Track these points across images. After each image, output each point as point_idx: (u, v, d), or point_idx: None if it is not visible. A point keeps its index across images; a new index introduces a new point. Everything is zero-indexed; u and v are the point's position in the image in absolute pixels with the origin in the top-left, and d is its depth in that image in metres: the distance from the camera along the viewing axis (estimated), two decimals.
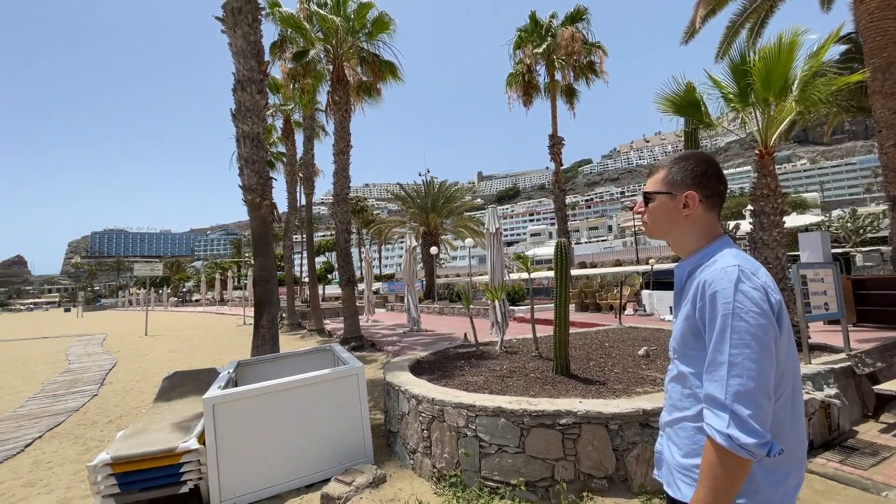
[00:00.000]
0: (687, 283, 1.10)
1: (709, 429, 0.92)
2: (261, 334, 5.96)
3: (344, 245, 11.40)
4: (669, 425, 1.11)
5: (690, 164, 1.11)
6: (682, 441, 1.06)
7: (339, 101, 11.38)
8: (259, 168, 6.12)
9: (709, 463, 0.91)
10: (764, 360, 0.90)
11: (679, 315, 1.10)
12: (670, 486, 1.09)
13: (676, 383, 1.10)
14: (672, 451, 1.09)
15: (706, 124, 5.57)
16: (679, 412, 1.08)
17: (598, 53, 15.40)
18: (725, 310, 0.94)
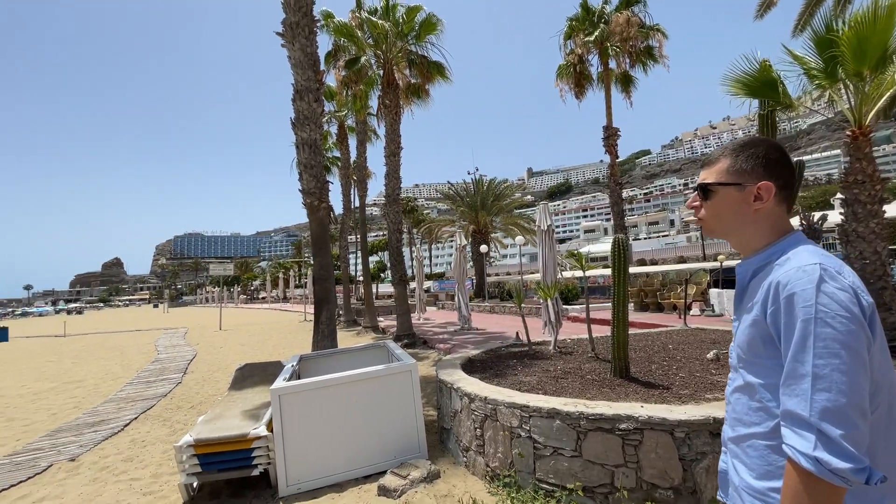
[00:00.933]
0: (751, 284, 0.99)
1: (790, 451, 0.80)
2: (320, 330, 6.30)
3: (396, 244, 11.70)
4: (735, 442, 1.00)
5: (762, 151, 0.99)
6: (752, 461, 0.95)
7: (390, 105, 11.68)
8: (317, 173, 6.46)
9: (792, 490, 0.80)
10: (856, 372, 0.78)
11: (744, 319, 0.99)
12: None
13: (742, 395, 0.98)
14: (740, 472, 0.97)
15: (784, 105, 5.03)
16: (746, 428, 0.97)
17: (657, 37, 14.47)
18: (807, 314, 0.82)
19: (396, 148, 11.79)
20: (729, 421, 1.04)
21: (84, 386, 8.53)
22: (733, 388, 1.03)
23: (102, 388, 8.17)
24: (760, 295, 0.92)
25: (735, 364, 1.02)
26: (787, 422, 0.83)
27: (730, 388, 1.05)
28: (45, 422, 6.06)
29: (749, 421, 0.96)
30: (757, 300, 0.93)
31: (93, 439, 5.04)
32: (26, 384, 9.01)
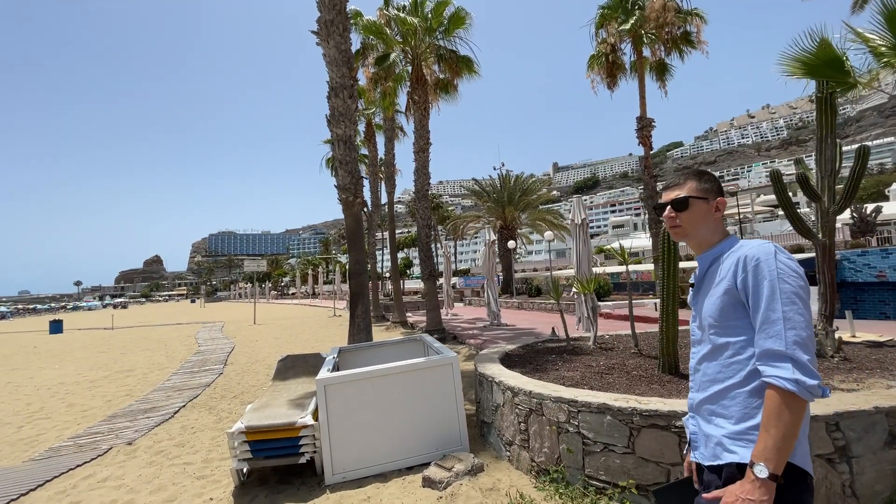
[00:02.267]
0: (710, 271, 1.28)
1: (774, 380, 1.02)
2: (356, 323, 6.38)
3: (425, 240, 11.74)
4: (709, 402, 1.20)
5: (712, 178, 1.34)
6: (730, 410, 1.15)
7: (419, 101, 11.70)
8: (352, 168, 6.53)
9: (775, 411, 1.00)
10: (808, 315, 1.08)
11: (711, 294, 1.23)
12: (719, 457, 1.14)
13: (712, 359, 1.21)
14: (719, 425, 1.17)
15: (850, 85, 4.69)
16: (721, 384, 1.18)
17: (695, 21, 13.82)
18: (771, 276, 1.10)
19: (425, 144, 11.81)
20: (698, 387, 1.27)
21: (134, 375, 9.00)
22: (700, 356, 1.27)
23: (151, 378, 8.59)
24: (728, 271, 1.18)
25: (701, 336, 1.28)
26: (765, 359, 1.06)
27: (695, 360, 1.30)
28: (101, 408, 6.43)
29: (724, 377, 1.18)
30: (724, 276, 1.19)
31: (146, 425, 5.29)
32: (82, 372, 9.59)
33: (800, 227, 5.19)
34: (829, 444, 2.52)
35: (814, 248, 5.23)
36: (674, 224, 1.34)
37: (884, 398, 2.74)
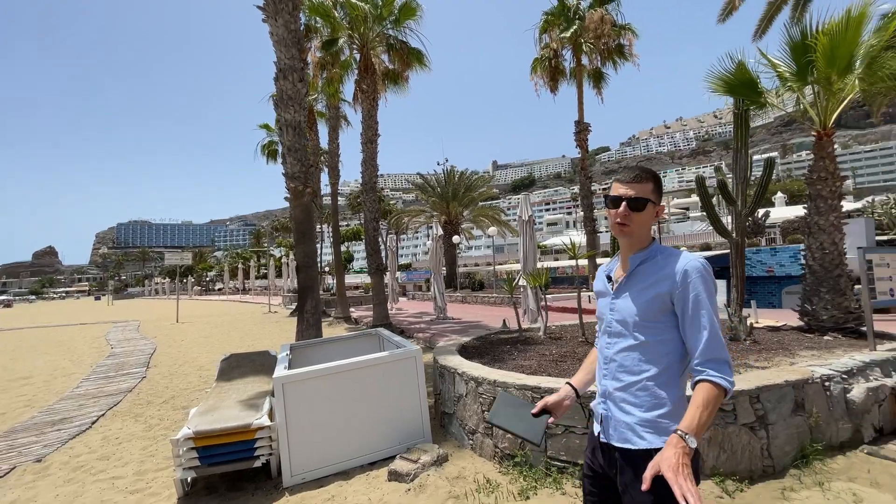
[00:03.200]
0: (639, 269, 1.35)
1: (718, 379, 1.16)
2: (305, 319, 6.10)
3: (372, 234, 11.51)
4: (622, 390, 1.31)
5: (661, 182, 1.37)
6: (641, 400, 1.27)
7: (367, 90, 11.38)
8: (301, 156, 6.20)
9: (711, 401, 1.15)
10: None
11: (641, 293, 1.32)
12: (628, 441, 1.27)
13: (632, 351, 1.31)
14: (630, 411, 1.28)
15: (761, 104, 5.39)
16: (635, 376, 1.29)
17: (628, 36, 14.96)
18: (708, 291, 1.25)
19: (373, 135, 11.53)
20: (612, 376, 1.35)
21: (32, 383, 7.81)
22: (619, 348, 1.34)
23: (55, 385, 7.52)
24: (666, 278, 1.28)
25: (622, 330, 1.34)
26: (709, 364, 1.19)
27: (612, 350, 1.36)
28: None
29: (639, 370, 1.29)
30: (659, 280, 1.29)
31: (58, 438, 4.63)
32: None
33: (718, 227, 5.88)
34: (752, 414, 2.92)
35: (728, 245, 5.95)
36: (624, 222, 1.34)
37: (790, 373, 3.22)
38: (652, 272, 1.33)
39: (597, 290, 1.51)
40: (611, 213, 1.38)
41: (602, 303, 1.46)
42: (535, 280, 5.87)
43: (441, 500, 2.87)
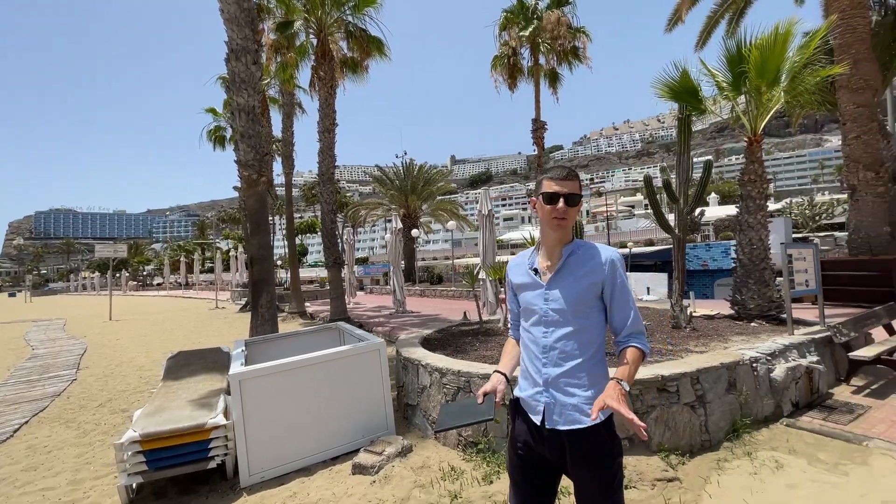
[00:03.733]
0: (569, 261, 1.45)
1: (643, 346, 1.40)
2: (260, 314, 5.86)
3: (330, 226, 11.20)
4: (565, 375, 1.39)
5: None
6: (583, 380, 1.38)
7: (325, 77, 11.00)
8: (255, 143, 5.90)
9: (637, 360, 1.38)
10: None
11: (575, 282, 1.42)
12: (577, 422, 1.35)
13: (571, 338, 1.40)
14: (574, 392, 1.38)
15: (702, 111, 5.82)
16: (575, 360, 1.39)
17: (582, 38, 15.51)
18: (623, 276, 1.43)
19: (331, 123, 11.19)
20: (553, 363, 1.41)
21: None
22: (559, 336, 1.41)
23: None
24: (596, 267, 1.42)
25: (560, 318, 1.42)
26: (633, 335, 1.41)
27: (552, 339, 1.42)
28: None
29: (579, 354, 1.39)
30: (590, 270, 1.42)
31: None
32: None
33: (663, 224, 6.30)
34: (692, 394, 3.19)
35: (670, 241, 6.41)
36: (563, 216, 1.41)
37: (724, 356, 3.55)
38: (582, 263, 1.44)
39: (518, 282, 1.55)
40: (545, 209, 1.43)
41: (530, 295, 1.49)
42: (495, 273, 6.00)
43: (407, 490, 2.90)
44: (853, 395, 4.06)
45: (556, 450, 1.39)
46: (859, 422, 3.45)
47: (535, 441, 1.43)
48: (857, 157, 8.70)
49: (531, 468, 1.46)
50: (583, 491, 1.39)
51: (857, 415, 3.58)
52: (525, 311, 1.52)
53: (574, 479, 1.40)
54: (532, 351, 1.47)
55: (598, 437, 1.36)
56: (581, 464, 1.35)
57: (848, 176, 9.03)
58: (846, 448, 3.05)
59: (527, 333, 1.51)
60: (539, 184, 1.49)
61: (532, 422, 1.44)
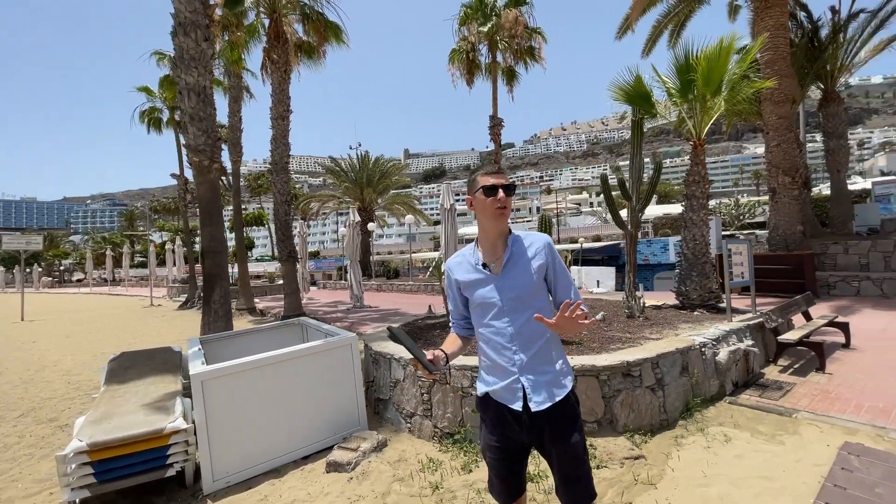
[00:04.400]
0: (515, 249, 1.51)
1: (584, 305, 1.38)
2: (213, 311, 5.49)
3: (284, 217, 10.69)
4: (538, 356, 1.46)
5: None
6: (552, 356, 1.48)
7: (278, 61, 10.43)
8: (207, 127, 5.48)
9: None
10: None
11: (525, 269, 1.49)
12: (555, 395, 1.44)
13: (532, 322, 1.43)
14: (548, 370, 1.46)
15: (653, 115, 6.21)
16: (542, 339, 1.47)
17: (538, 39, 15.93)
18: (558, 255, 1.56)
19: (285, 110, 10.65)
20: (522, 349, 1.45)
21: None
22: (522, 322, 1.45)
23: None
24: (538, 252, 1.50)
25: (517, 305, 1.47)
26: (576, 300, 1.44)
27: (516, 326, 1.46)
28: None
29: (541, 333, 1.46)
30: (534, 255, 1.49)
31: None
32: None
33: (618, 220, 6.67)
34: (653, 377, 3.43)
35: (617, 237, 6.81)
36: (504, 205, 1.49)
37: (678, 342, 3.85)
38: (525, 249, 1.52)
39: (466, 280, 1.55)
40: (486, 202, 1.48)
41: (484, 290, 1.50)
42: None
43: (386, 484, 2.86)
44: (780, 373, 4.58)
45: (536, 432, 1.46)
46: (788, 397, 3.90)
47: (514, 429, 1.48)
48: (778, 163, 9.74)
49: (510, 457, 1.52)
50: (563, 460, 1.45)
51: (785, 391, 4.04)
52: (482, 307, 1.52)
53: (555, 452, 1.45)
54: (498, 343, 1.49)
55: (571, 404, 1.47)
56: (562, 434, 1.43)
57: (770, 180, 10.08)
58: (780, 420, 3.44)
59: (487, 328, 1.51)
60: (474, 181, 1.54)
61: (511, 411, 1.46)
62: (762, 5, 9.45)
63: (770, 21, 9.26)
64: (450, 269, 1.63)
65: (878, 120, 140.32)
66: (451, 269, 1.62)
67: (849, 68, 11.65)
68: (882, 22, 10.93)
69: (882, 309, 7.50)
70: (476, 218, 1.58)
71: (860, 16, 11.07)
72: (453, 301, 1.65)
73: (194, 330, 10.41)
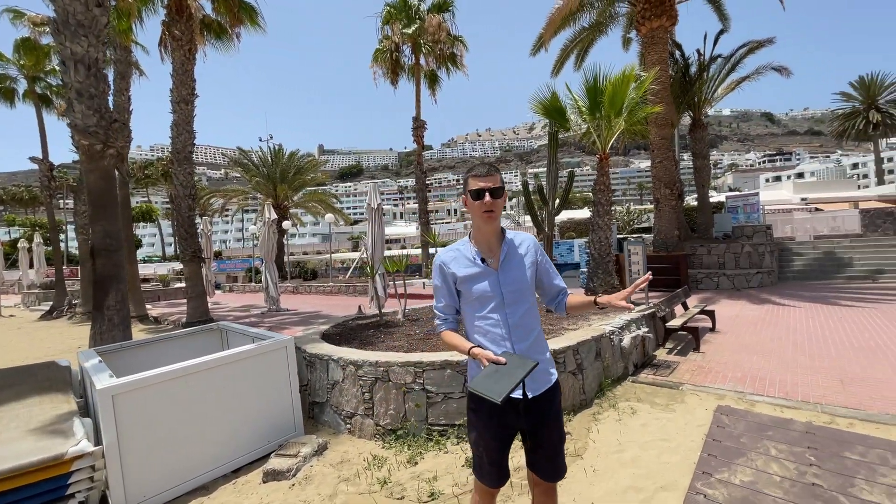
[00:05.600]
0: (510, 249, 1.63)
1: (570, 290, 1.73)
2: (107, 318, 4.78)
3: (188, 213, 9.61)
4: (534, 345, 1.58)
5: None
6: (542, 346, 1.62)
7: (181, 38, 9.37)
8: (99, 105, 4.76)
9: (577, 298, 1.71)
10: None
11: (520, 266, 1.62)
12: (547, 381, 1.60)
13: (528, 313, 1.59)
14: (540, 358, 1.55)
15: (567, 128, 6.90)
16: (536, 330, 1.60)
17: (460, 47, 16.52)
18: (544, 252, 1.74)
19: (189, 93, 9.60)
20: (521, 338, 1.56)
21: None
22: (521, 313, 1.58)
23: None
24: (528, 250, 1.64)
25: (517, 298, 1.59)
26: (563, 291, 1.72)
27: (516, 317, 1.57)
28: None
29: (535, 324, 1.61)
30: (526, 253, 1.63)
31: None
32: None
33: (537, 223, 7.27)
34: (574, 363, 3.86)
35: (542, 238, 7.43)
36: (490, 208, 1.54)
37: (593, 331, 4.36)
38: (517, 248, 1.63)
39: (464, 274, 1.60)
40: (475, 205, 1.55)
41: (483, 284, 1.58)
42: (395, 265, 6.07)
43: (332, 485, 2.82)
44: (668, 355, 5.43)
45: (531, 416, 1.56)
46: (674, 374, 4.66)
47: (512, 417, 1.55)
48: (660, 177, 11.42)
49: (504, 443, 1.60)
50: (551, 439, 1.62)
51: (672, 369, 4.81)
52: (479, 300, 1.58)
53: (545, 432, 1.60)
54: (496, 334, 1.56)
55: (558, 389, 1.64)
56: (552, 416, 1.60)
57: (654, 191, 11.77)
58: (670, 393, 4.10)
59: (485, 320, 1.57)
60: (465, 182, 1.61)
61: (511, 399, 1.51)
62: (649, 41, 11.04)
63: (655, 56, 10.84)
64: (445, 263, 1.66)
65: (727, 145, 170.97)
66: (446, 264, 1.65)
67: (710, 101, 14.10)
68: (734, 66, 13.44)
69: (734, 299, 9.25)
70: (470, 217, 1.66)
71: (718, 59, 13.47)
72: (448, 295, 1.67)
73: (65, 343, 8.86)
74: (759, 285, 10.73)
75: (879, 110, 28.25)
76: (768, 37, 13.08)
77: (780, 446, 2.87)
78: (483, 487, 1.65)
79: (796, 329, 6.25)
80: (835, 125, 31.64)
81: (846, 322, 6.51)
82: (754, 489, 2.42)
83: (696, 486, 2.50)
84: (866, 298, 8.40)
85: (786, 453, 2.78)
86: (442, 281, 1.67)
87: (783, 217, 17.11)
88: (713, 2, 12.64)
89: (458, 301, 1.68)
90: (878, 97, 28.68)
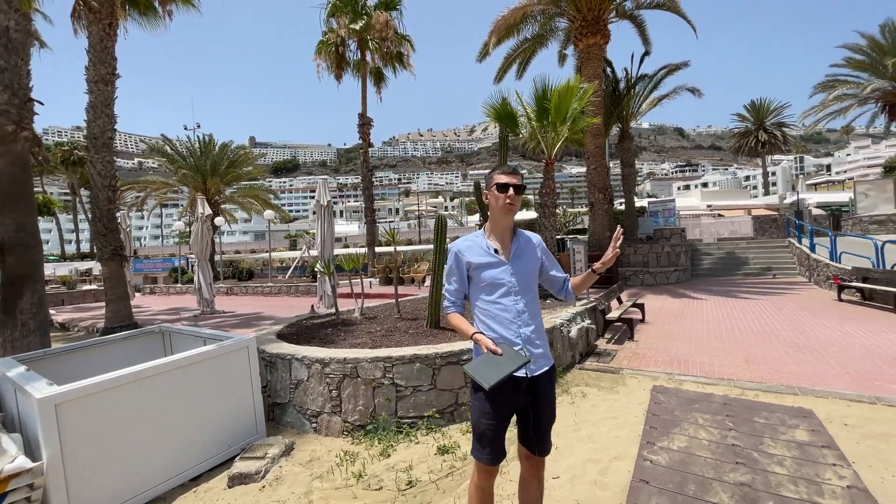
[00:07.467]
0: (521, 244, 1.81)
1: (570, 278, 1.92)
2: (20, 323, 4.23)
3: (107, 205, 8.62)
4: (535, 332, 1.74)
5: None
6: (542, 334, 1.76)
7: (99, 11, 8.39)
8: (12, 81, 4.20)
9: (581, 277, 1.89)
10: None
11: (529, 259, 1.81)
12: (545, 366, 1.75)
13: (532, 302, 1.76)
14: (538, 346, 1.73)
15: (516, 133, 7.29)
16: (538, 319, 1.77)
17: (407, 46, 16.54)
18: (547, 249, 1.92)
19: (109, 73, 8.62)
20: (526, 324, 1.73)
21: None
22: (527, 301, 1.75)
23: None
24: (536, 246, 1.84)
25: (524, 287, 1.76)
26: (566, 279, 1.90)
27: (522, 304, 1.73)
28: None
29: (537, 314, 1.79)
30: (534, 248, 1.83)
31: None
32: None
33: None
34: None
35: None
36: (513, 202, 1.74)
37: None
38: (528, 242, 1.83)
39: (478, 262, 1.77)
40: (500, 197, 1.75)
41: (495, 271, 1.75)
42: (355, 263, 6.00)
43: (306, 484, 2.79)
44: (607, 343, 5.98)
45: (531, 395, 1.72)
46: (615, 360, 5.16)
47: (515, 395, 1.69)
48: (595, 182, 12.40)
49: (505, 420, 1.74)
50: (545, 415, 1.78)
51: (612, 356, 5.32)
52: (490, 286, 1.75)
53: (541, 409, 1.75)
54: (504, 318, 1.72)
55: (553, 372, 1.82)
56: (545, 397, 1.76)
57: (589, 196, 12.74)
58: (613, 377, 4.55)
59: (495, 305, 1.74)
60: (490, 178, 1.79)
61: (515, 378, 1.64)
62: (586, 56, 11.93)
63: (591, 70, 11.74)
64: (460, 251, 1.81)
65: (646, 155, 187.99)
66: (462, 252, 1.80)
67: (636, 115, 15.56)
68: (656, 84, 14.96)
69: (657, 294, 10.33)
70: (489, 210, 1.81)
71: (644, 78, 14.92)
72: (460, 281, 1.83)
73: None
74: (676, 281, 12.08)
75: (766, 131, 33.02)
76: (684, 60, 14.76)
77: (705, 416, 3.36)
78: (483, 467, 1.77)
79: (709, 318, 7.18)
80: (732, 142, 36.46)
81: (746, 311, 7.61)
82: (689, 452, 2.83)
83: (643, 454, 2.86)
84: (760, 292, 9.84)
85: (710, 421, 3.26)
86: (455, 267, 1.83)
87: (693, 221, 19.37)
88: (638, 26, 13.97)
89: (468, 287, 1.83)
90: (765, 119, 33.50)
